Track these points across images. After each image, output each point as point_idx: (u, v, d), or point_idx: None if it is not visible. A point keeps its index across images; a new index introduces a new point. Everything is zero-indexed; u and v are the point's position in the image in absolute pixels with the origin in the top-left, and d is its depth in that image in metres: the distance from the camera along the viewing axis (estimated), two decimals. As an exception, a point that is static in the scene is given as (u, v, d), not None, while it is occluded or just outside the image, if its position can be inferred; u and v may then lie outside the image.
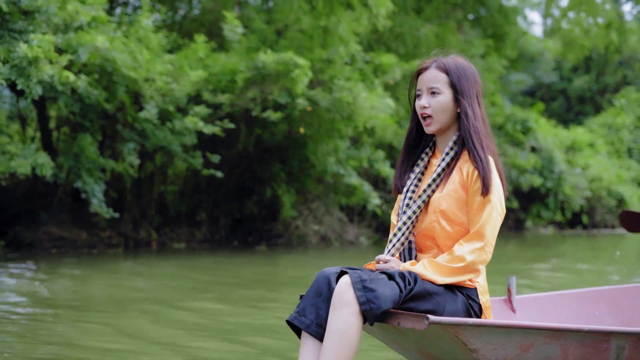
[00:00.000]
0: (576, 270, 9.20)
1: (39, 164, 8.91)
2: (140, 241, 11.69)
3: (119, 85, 9.73)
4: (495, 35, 17.82)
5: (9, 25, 8.68)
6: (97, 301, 6.25)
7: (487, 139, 2.88)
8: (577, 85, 30.13)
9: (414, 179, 2.96)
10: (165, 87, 9.98)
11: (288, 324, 2.70)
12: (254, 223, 13.04)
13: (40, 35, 8.24)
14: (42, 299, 6.17)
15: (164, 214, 12.29)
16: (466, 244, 2.76)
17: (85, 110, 9.84)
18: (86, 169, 9.76)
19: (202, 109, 10.26)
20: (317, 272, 2.74)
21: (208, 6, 13.65)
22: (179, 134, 10.22)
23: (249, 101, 10.74)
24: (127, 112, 10.08)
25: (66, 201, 11.33)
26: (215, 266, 9.33)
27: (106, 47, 8.97)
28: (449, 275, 2.75)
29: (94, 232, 11.44)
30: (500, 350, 2.69)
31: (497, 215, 2.80)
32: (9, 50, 8.34)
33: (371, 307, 2.57)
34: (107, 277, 7.85)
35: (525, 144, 17.81)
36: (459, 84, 2.86)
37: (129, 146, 10.06)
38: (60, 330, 4.67)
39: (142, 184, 11.79)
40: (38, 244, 10.81)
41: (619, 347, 2.88)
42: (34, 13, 8.67)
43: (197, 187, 12.58)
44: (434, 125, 2.89)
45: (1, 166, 8.63)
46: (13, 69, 8.16)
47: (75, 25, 9.18)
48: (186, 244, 12.08)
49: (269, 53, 10.54)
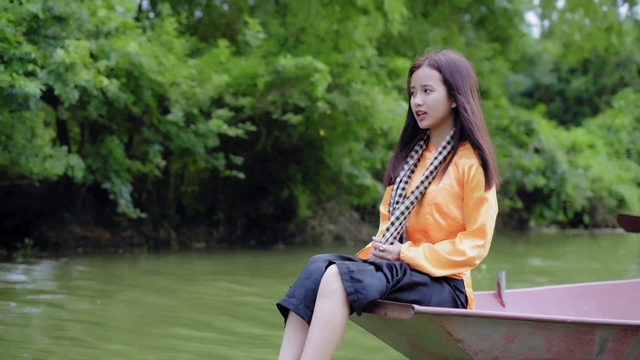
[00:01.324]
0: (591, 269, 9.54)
1: (71, 165, 9.19)
2: (160, 241, 11.97)
3: (144, 89, 10.01)
4: (499, 38, 18.19)
5: (41, 31, 8.97)
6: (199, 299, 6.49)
7: (484, 133, 2.93)
8: (574, 87, 30.55)
9: (407, 171, 2.99)
10: (190, 91, 10.27)
11: (278, 307, 2.74)
12: (268, 223, 13.34)
13: (76, 41, 8.52)
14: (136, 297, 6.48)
15: (182, 214, 12.57)
16: (467, 240, 2.81)
17: (113, 113, 10.12)
18: (114, 170, 10.04)
19: (225, 112, 10.55)
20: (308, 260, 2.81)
21: (223, 10, 13.95)
22: (202, 136, 10.51)
23: (270, 104, 11.04)
24: (152, 115, 10.36)
25: (89, 201, 11.60)
26: (257, 263, 9.65)
27: (136, 52, 9.24)
28: (446, 267, 2.79)
29: (115, 231, 11.72)
30: (486, 340, 2.72)
31: (493, 213, 2.86)
32: (44, 56, 8.62)
33: (358, 297, 2.59)
34: (175, 275, 8.15)
35: (529, 145, 18.17)
36: (452, 80, 2.89)
37: (154, 148, 10.34)
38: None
39: (161, 184, 12.07)
40: (63, 244, 11.08)
41: (602, 339, 2.91)
42: (67, 19, 8.95)
43: (214, 187, 12.87)
44: (427, 120, 2.92)
45: (35, 167, 8.89)
46: (50, 74, 8.44)
47: (104, 31, 9.46)
48: (205, 244, 12.37)
49: (289, 57, 10.84)
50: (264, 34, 11.56)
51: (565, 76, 31.19)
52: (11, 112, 8.53)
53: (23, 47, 8.31)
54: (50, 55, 8.58)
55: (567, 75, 31.14)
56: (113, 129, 10.29)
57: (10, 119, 8.46)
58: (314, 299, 2.67)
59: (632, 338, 2.95)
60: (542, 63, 30.51)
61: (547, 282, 7.48)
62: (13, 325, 4.89)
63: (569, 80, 31.05)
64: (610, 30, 20.16)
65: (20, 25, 8.67)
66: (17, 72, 8.22)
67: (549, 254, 12.20)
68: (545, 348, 2.82)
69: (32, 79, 8.24)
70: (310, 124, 11.47)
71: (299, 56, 11.36)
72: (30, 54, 8.29)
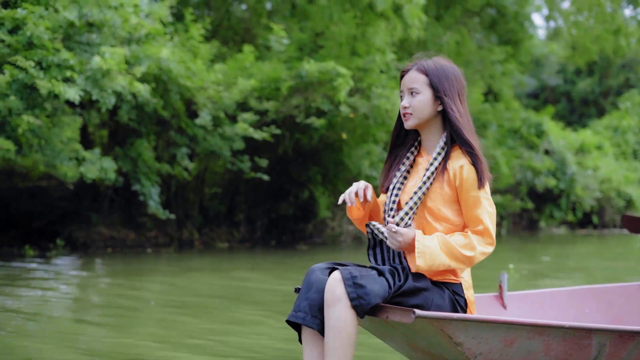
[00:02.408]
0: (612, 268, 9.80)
1: (104, 168, 9.45)
2: (184, 241, 12.24)
3: (172, 93, 10.28)
4: (510, 41, 18.45)
5: (76, 38, 9.24)
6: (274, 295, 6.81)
7: (472, 134, 2.94)
8: (580, 88, 30.82)
9: (400, 177, 3.01)
10: (216, 95, 10.53)
11: (288, 323, 2.81)
12: (287, 224, 13.61)
13: (111, 48, 8.79)
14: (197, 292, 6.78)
15: (205, 214, 12.84)
16: (475, 237, 2.84)
17: (141, 117, 10.39)
18: (143, 172, 10.30)
19: (250, 115, 10.82)
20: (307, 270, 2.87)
21: (242, 15, 14.21)
22: (228, 139, 10.78)
23: (293, 108, 11.31)
24: (180, 119, 10.62)
25: (115, 203, 11.86)
26: (289, 261, 9.93)
27: (167, 58, 9.51)
28: (455, 261, 2.81)
29: (140, 232, 11.99)
30: (485, 344, 2.76)
31: (493, 211, 2.88)
32: (80, 62, 8.89)
33: (361, 302, 2.66)
34: (223, 273, 8.49)
35: (540, 146, 18.44)
36: (439, 84, 2.91)
37: (181, 151, 10.60)
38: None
39: (184, 186, 12.33)
40: (91, 244, 11.35)
41: (599, 344, 2.94)
42: (101, 26, 9.21)
43: (235, 189, 13.14)
44: (411, 121, 2.95)
45: (70, 171, 9.16)
46: (88, 80, 8.70)
47: (135, 38, 9.73)
48: (228, 244, 12.64)
49: (312, 62, 11.10)
50: (287, 39, 11.81)
51: (571, 77, 31.45)
52: (49, 117, 8.79)
53: (61, 54, 8.57)
54: (87, 62, 8.85)
55: (573, 77, 31.41)
56: (142, 132, 10.56)
57: (50, 124, 8.72)
58: (319, 307, 2.75)
59: (629, 343, 2.99)
60: (549, 64, 30.78)
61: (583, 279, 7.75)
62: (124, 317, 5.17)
63: (575, 81, 31.31)
64: (618, 32, 20.41)
65: (56, 33, 8.94)
66: (55, 78, 8.48)
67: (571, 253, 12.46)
68: (543, 352, 2.86)
69: (70, 84, 8.50)
70: (332, 128, 11.74)
71: (319, 61, 11.63)
72: (68, 60, 8.56)
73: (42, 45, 8.64)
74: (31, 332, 4.75)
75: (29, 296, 6.35)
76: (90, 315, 5.62)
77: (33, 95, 8.61)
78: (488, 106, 16.21)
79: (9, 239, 11.37)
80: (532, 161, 17.71)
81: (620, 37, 20.38)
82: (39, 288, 6.88)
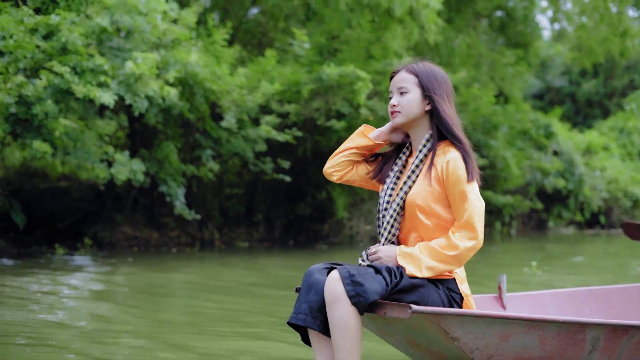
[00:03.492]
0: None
1: (133, 170, 9.71)
2: (205, 240, 12.51)
3: (197, 97, 10.54)
4: (519, 44, 18.72)
5: (106, 43, 9.51)
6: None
7: (461, 132, 3.02)
8: (585, 89, 31.10)
9: (393, 178, 3.09)
10: (241, 99, 10.80)
11: (289, 325, 2.88)
12: (304, 223, 13.89)
13: (143, 54, 9.06)
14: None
15: (225, 215, 13.11)
16: (458, 233, 2.88)
17: (167, 119, 10.66)
18: (169, 174, 10.57)
19: (273, 118, 11.09)
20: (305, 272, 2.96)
21: (260, 19, 14.49)
22: (251, 142, 11.05)
23: (314, 111, 11.58)
24: (205, 121, 10.89)
25: (140, 203, 12.13)
26: (316, 259, 10.24)
27: (195, 63, 9.77)
28: (442, 263, 2.87)
29: (163, 232, 12.26)
30: (481, 339, 2.81)
31: (480, 205, 2.90)
32: (113, 67, 9.16)
33: (360, 300, 2.73)
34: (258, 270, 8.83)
35: (549, 147, 18.71)
36: (428, 83, 3.00)
37: (206, 153, 10.88)
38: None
39: (205, 187, 12.60)
40: (116, 243, 11.62)
41: (593, 338, 2.99)
42: (132, 32, 9.49)
43: (254, 189, 13.41)
44: (399, 118, 3.03)
45: (102, 173, 9.43)
46: (121, 85, 8.97)
47: (164, 43, 10.00)
48: (248, 243, 12.91)
49: (332, 66, 11.37)
50: (309, 43, 12.08)
51: (575, 79, 31.72)
52: (83, 120, 9.06)
53: (96, 60, 8.84)
54: (119, 67, 9.12)
55: (578, 78, 31.68)
56: (167, 134, 10.82)
57: (84, 127, 8.99)
58: (319, 307, 2.82)
59: (623, 337, 3.05)
60: (554, 66, 31.05)
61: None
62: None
63: (580, 82, 31.58)
64: (625, 34, 20.65)
65: (89, 38, 9.21)
66: (90, 83, 8.75)
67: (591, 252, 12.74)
68: (538, 347, 2.91)
69: (105, 89, 8.77)
70: (351, 130, 11.99)
71: (336, 64, 11.91)
72: (102, 65, 8.83)
73: (76, 50, 8.91)
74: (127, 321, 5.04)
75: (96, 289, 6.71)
76: (170, 308, 5.91)
77: (68, 99, 8.89)
78: (499, 108, 16.44)
79: (34, 238, 11.64)
80: (541, 162, 17.98)
81: (627, 39, 20.64)
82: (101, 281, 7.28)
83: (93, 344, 4.38)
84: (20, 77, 8.43)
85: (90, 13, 9.46)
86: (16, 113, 8.62)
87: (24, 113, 8.63)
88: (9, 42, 8.66)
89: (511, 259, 11.45)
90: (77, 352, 4.15)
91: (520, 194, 18.01)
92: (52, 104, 8.57)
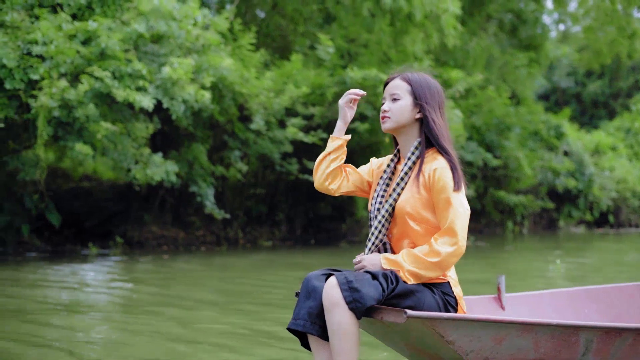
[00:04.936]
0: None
1: (167, 171, 10.04)
2: (230, 239, 12.84)
3: (226, 99, 10.87)
4: (530, 46, 19.06)
5: (141, 48, 9.84)
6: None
7: (450, 143, 3.06)
8: (591, 90, 31.46)
9: (382, 185, 3.13)
10: (268, 101, 11.13)
11: (289, 330, 2.94)
12: (323, 222, 14.22)
13: (179, 59, 9.38)
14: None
15: (248, 214, 13.44)
16: (440, 239, 2.92)
17: (197, 121, 10.98)
18: (199, 175, 10.89)
19: (299, 120, 11.42)
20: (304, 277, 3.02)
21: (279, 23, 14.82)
22: (278, 143, 11.38)
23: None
24: (234, 124, 11.22)
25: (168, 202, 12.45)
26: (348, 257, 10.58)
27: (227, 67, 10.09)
28: (424, 269, 2.93)
29: (189, 231, 12.59)
30: (476, 342, 2.85)
31: (464, 211, 2.94)
32: (149, 72, 9.48)
33: (357, 305, 2.79)
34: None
35: (559, 148, 19.06)
36: (420, 92, 3.04)
37: (234, 154, 11.20)
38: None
39: (231, 187, 12.93)
40: (145, 242, 11.94)
41: (587, 340, 3.02)
42: (167, 38, 9.81)
43: (276, 189, 13.74)
44: (389, 124, 3.07)
45: (139, 174, 9.75)
46: (158, 89, 9.30)
47: (195, 48, 10.32)
48: (271, 242, 13.25)
49: (355, 70, 11.70)
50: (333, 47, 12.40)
51: (581, 79, 32.08)
52: (122, 123, 9.38)
53: (134, 65, 9.16)
54: (156, 72, 9.44)
55: (583, 79, 32.04)
56: (197, 136, 11.15)
57: (123, 129, 9.31)
58: (317, 313, 2.88)
59: (616, 339, 3.08)
60: (560, 67, 31.40)
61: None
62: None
63: (585, 83, 31.93)
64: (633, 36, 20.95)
65: (126, 44, 9.53)
66: (129, 87, 9.08)
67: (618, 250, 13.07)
68: (533, 349, 2.95)
69: (144, 93, 9.10)
70: (373, 132, 12.33)
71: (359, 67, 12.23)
72: (140, 70, 9.15)
73: (114, 56, 9.24)
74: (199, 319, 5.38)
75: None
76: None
77: (107, 102, 9.21)
78: (512, 109, 16.78)
79: (65, 237, 11.96)
80: (552, 162, 18.33)
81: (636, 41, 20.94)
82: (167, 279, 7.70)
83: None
84: (64, 82, 8.74)
85: (126, 19, 9.77)
86: (59, 117, 8.94)
87: (65, 116, 8.94)
88: (50, 47, 8.98)
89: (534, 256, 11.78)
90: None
91: (531, 193, 18.35)
92: (94, 107, 8.89)
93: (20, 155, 9.46)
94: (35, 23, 9.39)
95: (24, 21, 9.36)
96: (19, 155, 9.51)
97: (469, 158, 15.19)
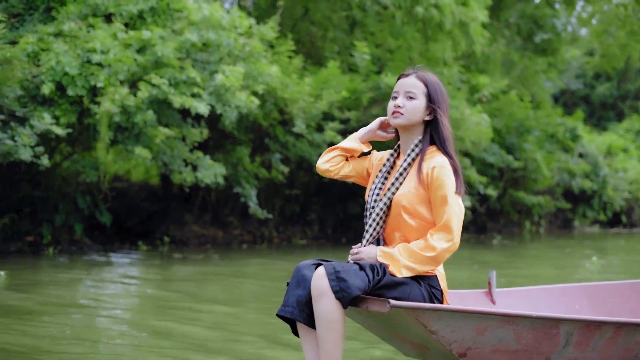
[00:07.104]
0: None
1: (216, 173, 10.52)
2: (265, 238, 13.34)
3: (267, 104, 11.36)
4: (546, 50, 19.57)
5: (192, 56, 10.32)
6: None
7: (452, 148, 3.19)
8: (599, 92, 31.97)
9: (381, 178, 3.24)
10: (308, 106, 11.63)
11: (278, 316, 3.05)
12: (352, 222, 14.72)
13: (230, 66, 9.88)
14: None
15: (281, 214, 13.93)
16: (436, 235, 3.02)
17: (240, 126, 11.47)
18: (243, 176, 11.39)
19: (336, 124, 11.92)
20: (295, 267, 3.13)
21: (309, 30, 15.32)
22: (316, 146, 11.87)
23: (372, 117, 12.40)
24: (276, 127, 11.72)
25: (208, 202, 12.95)
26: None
27: (274, 74, 10.58)
28: (419, 263, 3.02)
29: (227, 230, 13.09)
30: (458, 332, 2.93)
31: (459, 210, 3.05)
32: (203, 79, 9.97)
33: (343, 295, 2.89)
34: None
35: (575, 150, 19.58)
36: (435, 95, 3.16)
37: (275, 156, 11.70)
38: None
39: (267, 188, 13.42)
40: (187, 241, 12.43)
41: (567, 333, 3.09)
42: (218, 46, 10.30)
43: (308, 190, 14.23)
44: (401, 119, 3.17)
45: (189, 176, 10.22)
46: (212, 96, 9.79)
47: (242, 56, 10.81)
48: (306, 241, 13.75)
49: (389, 75, 12.20)
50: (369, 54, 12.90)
51: (590, 81, 32.59)
52: (178, 128, 9.87)
53: (188, 72, 9.65)
54: (207, 79, 9.93)
55: (592, 81, 32.55)
56: (241, 140, 11.64)
57: (179, 134, 9.80)
58: (305, 301, 3.00)
59: (596, 332, 3.16)
60: (569, 69, 31.90)
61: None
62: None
63: (594, 85, 32.44)
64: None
65: (180, 52, 10.03)
66: (184, 94, 9.57)
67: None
68: (514, 340, 3.03)
69: (199, 100, 9.59)
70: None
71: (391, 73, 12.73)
72: (195, 78, 9.64)
73: (169, 64, 9.73)
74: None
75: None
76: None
77: (163, 108, 9.70)
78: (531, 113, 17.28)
79: (111, 237, 12.42)
80: (568, 164, 18.84)
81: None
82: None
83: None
84: (125, 89, 9.22)
85: (177, 28, 10.25)
86: (119, 122, 9.43)
87: (125, 121, 9.43)
88: (108, 56, 9.47)
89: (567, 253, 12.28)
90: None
91: (547, 194, 18.86)
92: (152, 113, 9.37)
93: (83, 158, 9.94)
94: (91, 32, 9.85)
95: (82, 30, 9.83)
96: (79, 157, 9.99)
97: (491, 160, 15.69)
